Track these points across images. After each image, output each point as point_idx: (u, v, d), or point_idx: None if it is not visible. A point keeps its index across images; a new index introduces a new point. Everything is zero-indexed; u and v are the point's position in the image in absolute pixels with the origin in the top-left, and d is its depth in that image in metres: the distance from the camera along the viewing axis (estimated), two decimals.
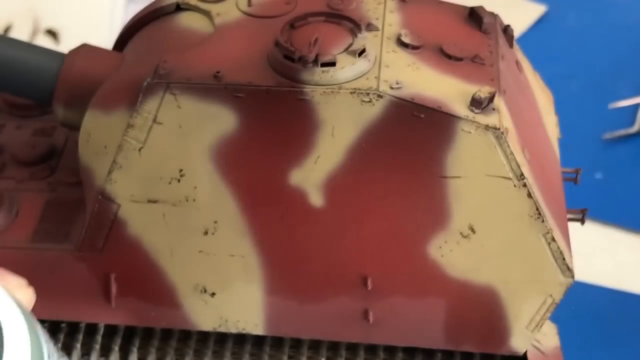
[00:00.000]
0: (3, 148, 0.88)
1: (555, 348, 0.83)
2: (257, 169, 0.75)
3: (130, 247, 0.78)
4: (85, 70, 0.81)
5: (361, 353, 0.83)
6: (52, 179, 0.85)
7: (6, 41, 0.83)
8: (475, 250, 0.76)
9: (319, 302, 0.80)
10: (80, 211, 0.81)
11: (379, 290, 0.78)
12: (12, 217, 0.82)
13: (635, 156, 1.44)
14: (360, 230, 0.77)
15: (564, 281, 0.77)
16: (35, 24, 1.46)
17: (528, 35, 1.63)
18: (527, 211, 0.74)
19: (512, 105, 0.76)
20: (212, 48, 0.77)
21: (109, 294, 0.81)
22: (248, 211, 0.77)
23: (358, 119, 0.73)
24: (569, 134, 1.09)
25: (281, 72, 0.74)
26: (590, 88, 1.55)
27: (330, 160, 0.75)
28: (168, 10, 0.83)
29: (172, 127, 0.75)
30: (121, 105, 0.76)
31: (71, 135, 0.88)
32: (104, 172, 0.77)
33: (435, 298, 0.79)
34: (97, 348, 0.82)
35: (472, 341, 0.80)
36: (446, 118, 0.73)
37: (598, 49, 1.62)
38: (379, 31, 0.78)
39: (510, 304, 0.78)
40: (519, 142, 0.75)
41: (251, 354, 0.83)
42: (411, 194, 0.75)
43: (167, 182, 0.76)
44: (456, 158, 0.73)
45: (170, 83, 0.74)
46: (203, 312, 0.81)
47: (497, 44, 0.79)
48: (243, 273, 0.79)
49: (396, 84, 0.73)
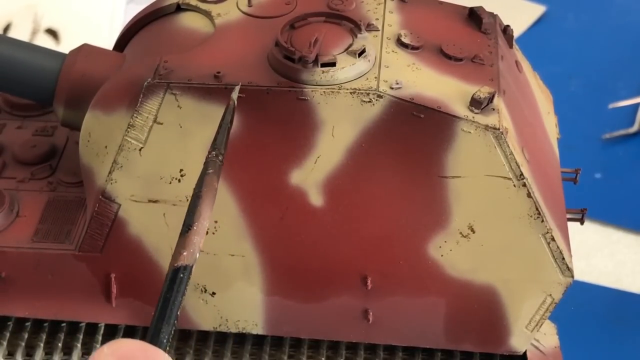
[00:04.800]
0: (4, 148, 0.88)
1: (554, 347, 0.83)
2: (257, 168, 0.75)
3: (131, 246, 0.79)
4: (86, 71, 0.81)
5: (361, 353, 0.83)
6: (53, 178, 0.85)
7: (7, 41, 0.83)
8: (475, 250, 0.76)
9: (319, 301, 0.80)
10: (81, 211, 0.82)
11: (379, 289, 0.79)
12: (13, 217, 0.82)
13: (635, 156, 1.44)
14: (360, 230, 0.77)
15: (563, 281, 0.77)
16: (36, 22, 1.46)
17: (528, 35, 1.63)
18: (527, 211, 0.74)
19: (511, 105, 0.76)
20: (213, 48, 0.77)
21: (109, 293, 0.81)
22: (248, 211, 0.77)
23: (358, 119, 0.73)
24: (569, 134, 1.09)
25: (281, 72, 0.74)
26: (590, 88, 1.55)
27: (330, 160, 0.75)
28: (168, 10, 0.83)
29: (172, 127, 0.75)
30: (122, 106, 0.76)
31: (72, 135, 0.88)
32: (104, 172, 0.77)
33: (435, 298, 0.79)
34: (97, 348, 0.82)
35: (471, 341, 0.81)
36: (446, 118, 0.73)
37: (597, 49, 1.62)
38: (378, 31, 0.78)
39: (510, 304, 0.78)
40: (518, 142, 0.75)
41: (251, 353, 0.83)
42: (411, 194, 0.75)
43: (167, 182, 0.76)
44: (456, 158, 0.73)
45: (170, 83, 0.74)
46: (203, 312, 0.81)
47: (496, 44, 0.79)
48: (243, 273, 0.79)
49: (396, 84, 0.74)
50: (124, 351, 0.54)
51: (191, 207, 0.63)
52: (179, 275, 0.59)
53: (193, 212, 0.62)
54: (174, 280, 0.59)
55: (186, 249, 0.60)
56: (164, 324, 0.58)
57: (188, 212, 0.63)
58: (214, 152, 0.67)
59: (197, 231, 0.61)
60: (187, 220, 0.62)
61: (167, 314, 0.59)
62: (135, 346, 0.54)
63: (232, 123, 0.70)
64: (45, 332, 0.83)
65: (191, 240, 0.61)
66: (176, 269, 0.60)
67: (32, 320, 0.83)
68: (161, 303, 0.59)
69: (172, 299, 0.59)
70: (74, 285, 0.81)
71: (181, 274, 0.60)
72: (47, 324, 0.83)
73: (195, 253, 0.61)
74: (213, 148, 0.67)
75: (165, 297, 0.59)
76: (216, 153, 0.67)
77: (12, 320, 0.83)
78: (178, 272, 0.60)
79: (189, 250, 0.60)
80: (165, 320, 0.58)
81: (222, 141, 0.68)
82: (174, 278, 0.59)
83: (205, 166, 0.66)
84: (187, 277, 0.60)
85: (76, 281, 0.80)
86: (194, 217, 0.62)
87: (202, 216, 0.62)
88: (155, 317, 0.59)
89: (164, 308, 0.59)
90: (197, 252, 0.61)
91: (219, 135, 0.68)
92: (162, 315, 0.59)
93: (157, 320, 0.58)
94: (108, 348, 0.54)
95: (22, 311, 0.82)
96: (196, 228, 0.61)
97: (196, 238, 0.61)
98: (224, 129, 0.69)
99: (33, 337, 0.83)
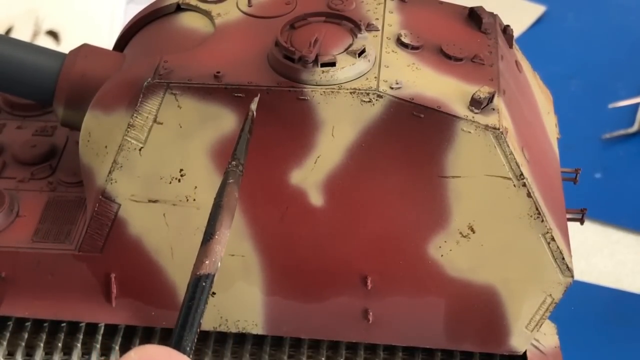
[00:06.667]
0: (4, 148, 0.88)
1: (554, 347, 0.83)
2: (257, 168, 0.75)
3: (131, 246, 0.79)
4: (86, 71, 0.81)
5: (361, 353, 0.83)
6: (53, 178, 0.85)
7: (7, 41, 0.83)
8: (475, 250, 0.76)
9: (319, 301, 0.80)
10: (81, 211, 0.82)
11: (379, 289, 0.79)
12: (13, 217, 0.82)
13: (635, 156, 1.44)
14: (360, 230, 0.77)
15: (563, 280, 0.77)
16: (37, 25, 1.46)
17: (528, 35, 1.63)
18: (527, 211, 0.74)
19: (511, 105, 0.77)
20: (213, 48, 0.77)
21: (109, 293, 0.81)
22: (248, 211, 0.77)
23: (358, 119, 0.73)
24: (569, 134, 1.09)
25: (281, 72, 0.74)
26: (589, 88, 1.55)
27: (330, 160, 0.75)
28: (168, 10, 0.83)
29: (172, 127, 0.75)
30: (122, 105, 0.76)
31: (72, 135, 0.88)
32: (104, 172, 0.77)
33: (435, 297, 0.79)
34: (97, 347, 0.82)
35: (471, 341, 0.81)
36: (446, 118, 0.73)
37: (597, 49, 1.62)
38: (378, 31, 0.78)
39: (510, 304, 0.78)
40: (518, 142, 0.75)
41: (251, 353, 0.83)
42: (411, 194, 0.75)
43: (167, 181, 0.76)
44: (456, 158, 0.73)
45: (170, 83, 0.74)
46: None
47: (496, 44, 0.79)
48: (243, 273, 0.79)
49: (396, 84, 0.74)
50: (151, 356, 0.54)
51: (212, 217, 0.64)
52: (200, 283, 0.60)
53: (214, 222, 0.63)
54: (196, 288, 0.60)
55: (208, 257, 0.61)
56: (186, 332, 0.59)
57: (209, 221, 0.63)
58: (234, 162, 0.68)
59: (219, 240, 0.62)
60: (208, 229, 0.63)
61: (190, 322, 0.59)
62: (162, 352, 0.55)
63: (251, 133, 0.70)
64: (45, 332, 0.83)
65: (213, 249, 0.62)
66: (198, 277, 0.60)
67: (32, 320, 0.83)
68: (184, 311, 0.60)
69: (194, 306, 0.60)
70: (74, 285, 0.81)
71: (203, 283, 0.60)
72: (47, 324, 0.83)
73: (217, 262, 0.61)
74: (233, 158, 0.68)
75: (188, 305, 0.60)
76: (236, 163, 0.67)
77: (12, 320, 0.83)
78: (200, 281, 0.60)
79: (210, 259, 0.61)
80: (188, 328, 0.59)
81: (242, 151, 0.69)
82: (196, 286, 0.60)
83: (225, 176, 0.66)
84: (209, 285, 0.60)
85: (76, 281, 0.80)
86: (215, 226, 0.63)
87: (223, 225, 0.63)
88: (179, 325, 0.59)
89: (186, 316, 0.60)
90: (219, 261, 0.61)
91: (239, 145, 0.69)
92: (184, 323, 0.59)
93: (180, 328, 0.59)
94: (135, 353, 0.55)
95: (22, 311, 0.82)
96: (217, 237, 0.62)
97: (217, 247, 0.62)
98: (243, 139, 0.69)
99: (33, 337, 0.83)
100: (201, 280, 0.60)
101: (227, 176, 0.66)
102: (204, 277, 0.60)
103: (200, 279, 0.60)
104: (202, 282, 0.60)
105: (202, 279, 0.60)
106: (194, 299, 0.60)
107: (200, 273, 0.60)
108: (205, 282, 0.60)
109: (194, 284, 0.60)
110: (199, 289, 0.60)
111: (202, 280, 0.60)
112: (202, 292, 0.60)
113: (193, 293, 0.60)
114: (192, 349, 0.59)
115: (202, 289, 0.60)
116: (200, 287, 0.60)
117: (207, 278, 0.60)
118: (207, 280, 0.60)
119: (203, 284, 0.60)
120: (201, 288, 0.60)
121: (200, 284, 0.60)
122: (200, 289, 0.60)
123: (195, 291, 0.60)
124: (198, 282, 0.60)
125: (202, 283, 0.60)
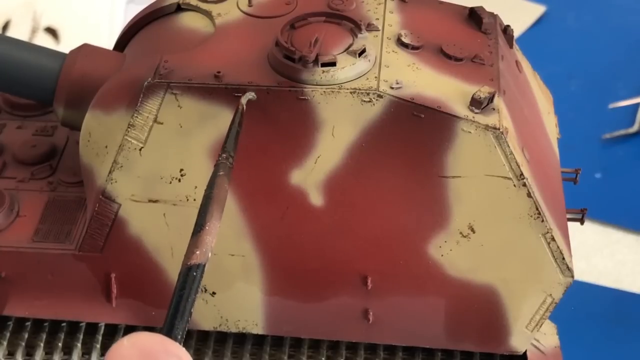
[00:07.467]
0: (4, 148, 0.88)
1: (554, 347, 0.83)
2: (257, 168, 0.75)
3: (131, 246, 0.79)
4: (86, 71, 0.81)
5: (361, 352, 0.83)
6: (53, 178, 0.85)
7: (7, 41, 0.83)
8: (475, 249, 0.76)
9: (319, 301, 0.80)
10: (81, 211, 0.82)
11: (379, 289, 0.79)
12: (13, 217, 0.82)
13: (635, 156, 1.44)
14: (360, 230, 0.77)
15: (563, 280, 0.77)
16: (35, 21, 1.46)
17: (528, 35, 1.63)
18: (527, 211, 0.74)
19: (512, 105, 0.77)
20: (213, 48, 0.77)
21: (109, 293, 0.81)
22: (248, 211, 0.77)
23: (358, 118, 0.73)
24: (569, 134, 1.09)
25: (281, 72, 0.74)
26: (590, 88, 1.56)
27: (331, 160, 0.75)
28: (169, 10, 0.83)
29: (172, 127, 0.75)
30: (122, 105, 0.76)
31: (72, 135, 0.88)
32: (104, 172, 0.77)
33: (435, 297, 0.79)
34: (97, 347, 0.82)
35: (472, 340, 0.81)
36: (446, 118, 0.73)
37: (597, 49, 1.63)
38: (379, 31, 0.78)
39: (510, 304, 0.78)
40: (518, 142, 0.75)
41: (251, 353, 0.83)
42: (411, 194, 0.75)
43: (167, 181, 0.76)
44: (456, 158, 0.73)
45: (170, 83, 0.74)
46: (203, 311, 0.81)
47: (497, 44, 0.79)
48: (243, 273, 0.79)
49: (396, 83, 0.74)
50: (143, 343, 0.55)
51: (202, 208, 0.64)
52: (191, 273, 0.61)
53: (205, 213, 0.64)
54: (187, 278, 0.61)
55: (199, 248, 0.62)
56: (177, 320, 0.60)
57: (199, 212, 0.64)
58: (224, 154, 0.68)
59: (209, 231, 0.63)
60: (198, 221, 0.64)
61: (181, 310, 0.60)
62: (154, 339, 0.56)
63: (241, 126, 0.71)
64: (45, 332, 0.83)
65: (203, 240, 0.62)
66: (189, 267, 0.61)
67: (32, 320, 0.83)
68: (175, 300, 0.60)
69: (185, 295, 0.60)
70: (74, 285, 0.81)
71: (194, 272, 0.61)
72: (47, 324, 0.83)
73: (208, 252, 0.62)
74: (223, 151, 0.69)
75: (179, 294, 0.60)
76: (226, 155, 0.68)
77: (12, 320, 0.83)
78: (191, 270, 0.61)
79: (201, 249, 0.62)
80: (179, 317, 0.60)
81: (231, 144, 0.70)
82: (186, 275, 0.61)
83: (215, 168, 0.67)
84: (199, 275, 0.61)
85: (76, 281, 0.80)
86: (206, 217, 0.64)
87: (214, 216, 0.64)
88: (170, 314, 0.60)
89: (177, 304, 0.60)
90: (210, 251, 0.62)
91: (229, 138, 0.70)
92: (175, 312, 0.60)
93: (172, 317, 0.60)
94: (127, 340, 0.55)
95: (22, 311, 0.82)
96: (208, 228, 0.63)
97: (208, 238, 0.63)
98: (233, 132, 0.70)
99: (33, 337, 0.83)
100: (192, 270, 0.61)
101: (217, 168, 0.67)
102: (195, 267, 0.61)
103: (191, 269, 0.61)
104: (193, 272, 0.61)
105: (192, 268, 0.61)
106: (185, 288, 0.60)
107: (191, 263, 0.61)
108: (196, 272, 0.61)
109: (184, 274, 0.61)
110: (190, 279, 0.61)
111: (192, 270, 0.61)
112: (193, 282, 0.61)
113: (184, 282, 0.61)
114: (183, 337, 0.59)
115: (192, 278, 0.61)
116: (191, 276, 0.61)
117: (197, 268, 0.61)
118: (197, 270, 0.61)
119: (194, 274, 0.61)
120: (192, 277, 0.61)
121: (191, 273, 0.61)
122: (192, 278, 0.61)
123: (186, 280, 0.61)
124: (189, 272, 0.61)
125: (193, 273, 0.61)
